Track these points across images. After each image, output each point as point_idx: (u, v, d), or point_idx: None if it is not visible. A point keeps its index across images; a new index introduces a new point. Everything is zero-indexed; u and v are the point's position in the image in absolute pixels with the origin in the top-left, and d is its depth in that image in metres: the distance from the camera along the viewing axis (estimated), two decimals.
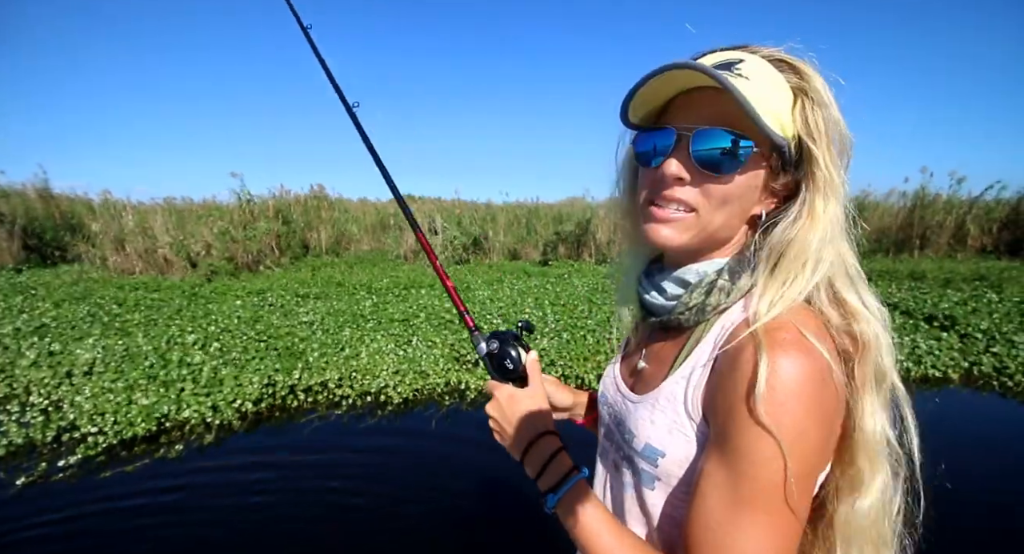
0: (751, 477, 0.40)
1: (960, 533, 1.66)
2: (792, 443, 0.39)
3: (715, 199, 0.47)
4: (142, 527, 1.87)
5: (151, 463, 2.23)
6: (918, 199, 7.23)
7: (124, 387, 2.84)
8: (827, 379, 0.41)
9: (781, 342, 0.42)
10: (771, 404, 0.40)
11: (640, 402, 0.53)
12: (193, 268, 6.65)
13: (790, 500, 0.40)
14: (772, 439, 0.39)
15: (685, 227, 0.48)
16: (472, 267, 7.79)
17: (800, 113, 0.46)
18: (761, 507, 0.40)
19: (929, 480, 0.51)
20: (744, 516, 0.40)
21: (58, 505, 1.96)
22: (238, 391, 2.81)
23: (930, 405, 2.54)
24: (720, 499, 0.41)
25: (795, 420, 0.39)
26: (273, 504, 2.00)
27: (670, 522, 0.50)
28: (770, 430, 0.39)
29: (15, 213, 7.72)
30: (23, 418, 2.55)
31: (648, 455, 0.50)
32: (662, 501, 0.50)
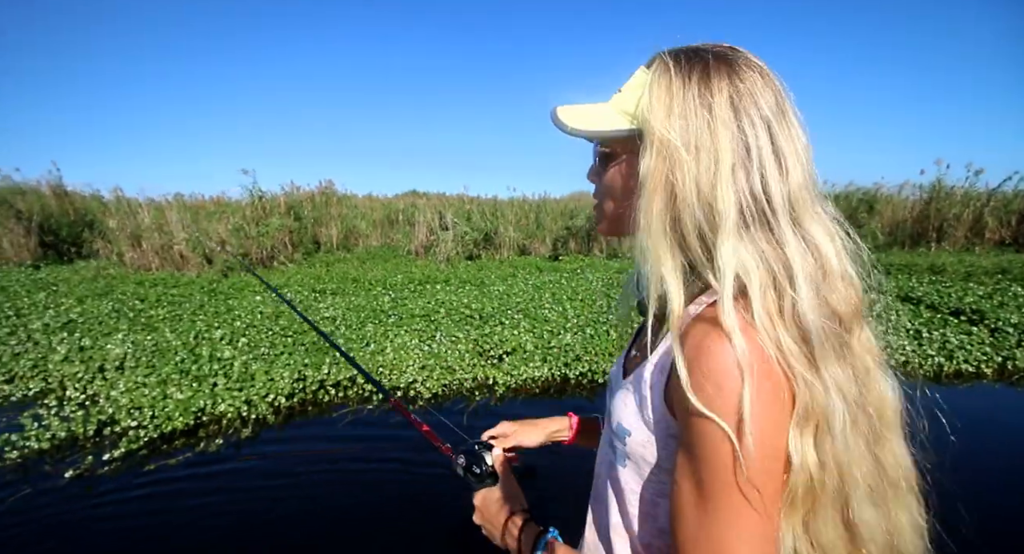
0: (708, 464, 0.40)
1: (997, 528, 1.67)
2: (737, 424, 0.39)
3: (601, 191, 0.56)
4: (188, 520, 1.90)
5: (192, 457, 2.26)
6: (934, 192, 7.16)
7: (157, 381, 2.87)
8: (767, 367, 0.41)
9: (716, 328, 0.42)
10: (707, 389, 0.40)
11: (623, 385, 0.55)
12: (209, 264, 6.70)
13: (752, 482, 0.39)
14: (715, 424, 0.39)
15: (598, 217, 0.58)
16: (484, 262, 7.80)
17: (645, 99, 0.48)
18: (724, 492, 0.40)
19: (968, 475, 0.51)
20: (710, 502, 0.40)
21: (105, 498, 1.99)
22: (270, 386, 2.84)
23: (966, 400, 2.54)
24: (688, 489, 0.42)
25: (734, 401, 0.39)
26: (314, 497, 2.03)
27: (636, 497, 0.53)
28: (711, 415, 0.40)
29: (31, 210, 7.79)
30: (62, 412, 2.59)
31: (619, 434, 0.52)
32: (630, 477, 0.53)
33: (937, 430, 0.52)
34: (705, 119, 0.45)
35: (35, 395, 2.88)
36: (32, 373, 3.10)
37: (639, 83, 0.50)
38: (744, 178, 0.44)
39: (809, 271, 0.43)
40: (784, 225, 0.44)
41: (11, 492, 1.98)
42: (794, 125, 0.46)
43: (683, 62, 0.47)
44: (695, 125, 0.45)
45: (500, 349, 3.50)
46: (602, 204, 0.56)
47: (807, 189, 0.46)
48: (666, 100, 0.46)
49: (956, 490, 0.50)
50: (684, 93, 0.45)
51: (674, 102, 0.46)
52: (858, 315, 0.46)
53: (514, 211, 9.30)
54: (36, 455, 2.25)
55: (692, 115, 0.45)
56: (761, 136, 0.44)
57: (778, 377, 0.41)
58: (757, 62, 0.48)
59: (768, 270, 0.43)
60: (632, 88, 0.50)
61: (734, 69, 0.46)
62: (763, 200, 0.44)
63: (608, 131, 0.51)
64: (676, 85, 0.46)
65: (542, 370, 3.15)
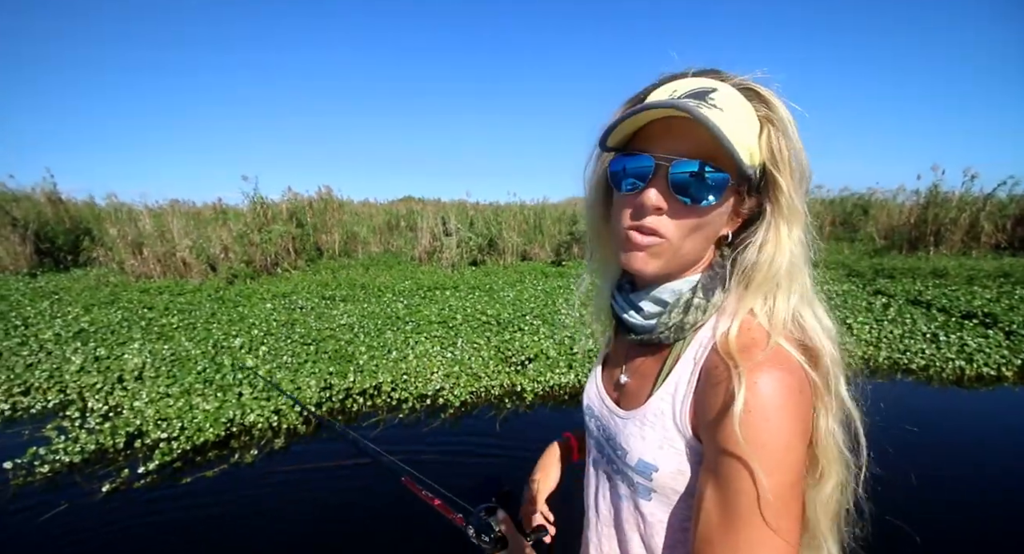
0: (743, 493, 0.41)
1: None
2: (780, 458, 0.41)
3: (689, 228, 0.49)
4: (227, 534, 1.86)
5: (228, 468, 2.22)
6: (931, 196, 7.31)
7: (180, 392, 2.83)
8: (804, 389, 0.44)
9: (758, 360, 0.44)
10: (753, 423, 0.41)
11: (629, 418, 0.55)
12: (213, 271, 6.61)
13: (783, 511, 0.41)
14: (758, 456, 0.41)
15: (659, 253, 0.50)
16: (489, 268, 7.79)
17: (766, 142, 0.47)
18: (755, 522, 0.41)
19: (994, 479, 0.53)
20: (740, 532, 0.41)
21: (143, 512, 1.95)
22: (297, 395, 2.80)
23: (988, 404, 2.58)
24: (717, 516, 0.43)
25: (779, 436, 0.41)
26: (350, 509, 2.00)
27: (664, 527, 0.53)
28: (755, 448, 0.41)
29: (27, 218, 7.64)
30: (86, 424, 2.53)
31: (642, 470, 0.52)
32: (658, 510, 0.53)
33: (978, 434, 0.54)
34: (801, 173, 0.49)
35: (55, 407, 2.82)
36: (48, 384, 3.03)
37: (747, 112, 0.46)
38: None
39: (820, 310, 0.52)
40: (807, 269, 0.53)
41: (47, 507, 1.93)
42: None
43: (785, 106, 0.48)
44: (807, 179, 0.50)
45: (522, 355, 3.50)
46: (675, 238, 0.49)
47: None
48: (787, 151, 0.47)
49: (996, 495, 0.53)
50: (798, 142, 0.48)
51: (793, 158, 0.48)
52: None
53: (514, 216, 9.32)
54: (67, 469, 2.19)
55: (807, 168, 0.49)
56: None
57: (810, 400, 0.45)
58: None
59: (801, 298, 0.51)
60: (741, 115, 0.46)
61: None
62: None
63: (745, 163, 0.45)
64: (792, 132, 0.48)
65: (568, 377, 3.15)
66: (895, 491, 1.97)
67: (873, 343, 3.54)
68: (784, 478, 0.41)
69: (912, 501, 1.95)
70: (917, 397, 2.94)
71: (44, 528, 1.84)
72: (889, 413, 2.69)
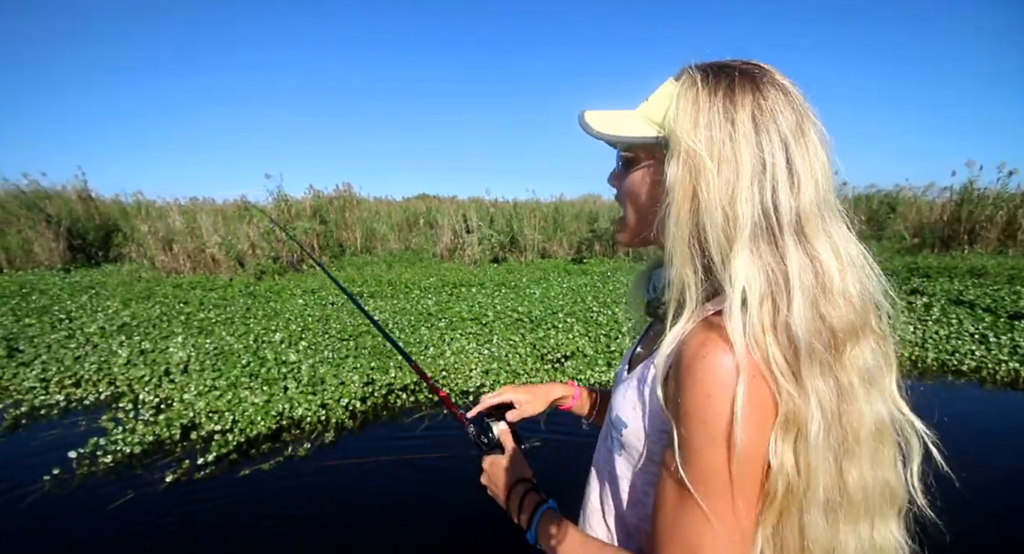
0: (691, 464, 0.44)
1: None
2: (721, 432, 0.42)
3: (625, 199, 0.57)
4: (287, 524, 1.89)
5: (283, 461, 2.25)
6: (966, 193, 7.13)
7: (227, 385, 2.87)
8: (755, 376, 0.43)
9: (711, 340, 0.45)
10: (698, 395, 0.43)
11: (626, 380, 0.59)
12: (241, 267, 6.70)
13: (731, 486, 0.43)
14: (701, 429, 0.43)
15: (622, 227, 0.58)
16: (511, 265, 7.79)
17: (672, 110, 0.50)
18: (703, 493, 0.43)
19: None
20: (689, 500, 0.44)
21: (205, 501, 1.98)
22: (343, 390, 2.83)
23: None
24: (670, 485, 0.46)
25: (720, 410, 0.42)
26: (401, 503, 2.02)
27: (628, 484, 0.57)
28: (699, 420, 0.43)
29: (60, 215, 7.82)
30: (140, 416, 2.58)
31: (617, 425, 0.57)
32: (623, 466, 0.58)
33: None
34: (728, 132, 0.47)
35: (107, 398, 2.88)
36: (98, 376, 3.10)
37: (666, 93, 0.51)
38: (758, 192, 0.46)
39: (807, 286, 0.44)
40: (788, 240, 0.46)
41: (114, 496, 1.98)
42: (813, 143, 0.47)
43: (710, 76, 0.49)
44: (718, 137, 0.47)
45: (558, 353, 3.49)
46: (624, 211, 0.58)
47: (819, 206, 0.47)
48: (692, 112, 0.48)
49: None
50: (710, 106, 0.48)
51: (700, 114, 0.48)
52: (854, 332, 0.46)
53: (532, 214, 9.30)
54: (128, 459, 2.24)
55: (716, 128, 0.47)
56: (777, 153, 0.46)
57: (765, 388, 0.43)
58: (781, 81, 0.49)
59: (768, 282, 0.45)
60: (659, 98, 0.52)
61: (758, 86, 0.48)
62: (772, 214, 0.46)
63: (633, 137, 0.53)
64: (703, 97, 0.48)
65: (608, 375, 3.14)
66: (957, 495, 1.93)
67: (919, 344, 3.47)
68: (727, 454, 0.42)
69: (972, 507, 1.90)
70: (970, 399, 2.88)
71: (113, 516, 1.88)
72: (945, 416, 2.63)
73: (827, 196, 0.48)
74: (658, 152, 0.51)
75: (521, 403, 0.86)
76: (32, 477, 2.09)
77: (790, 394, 0.43)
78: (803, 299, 0.44)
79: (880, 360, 0.48)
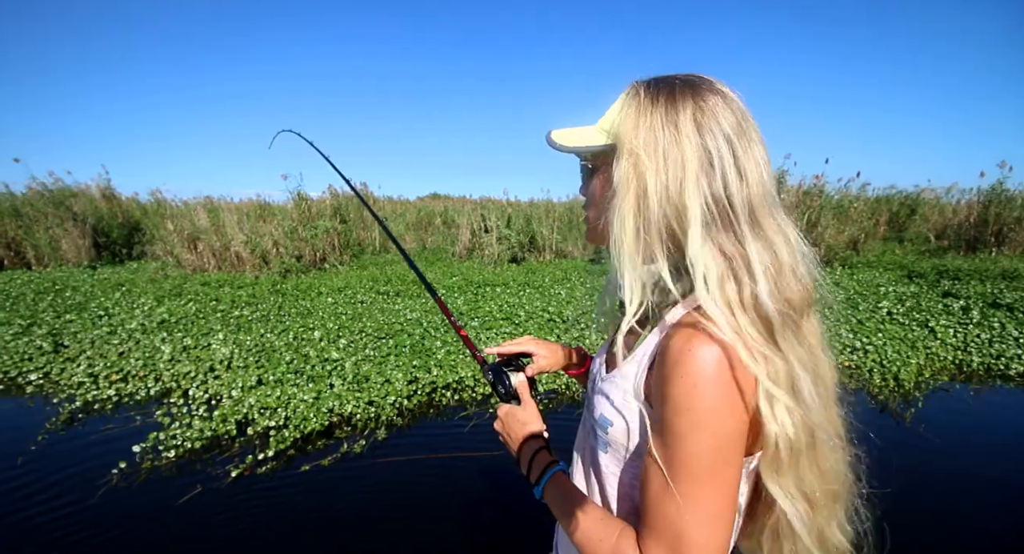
0: (676, 451, 0.47)
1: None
2: (705, 420, 0.46)
3: (588, 203, 0.62)
4: (350, 519, 1.91)
5: (340, 457, 2.27)
6: (993, 194, 7.04)
7: (274, 382, 2.90)
8: (736, 366, 0.47)
9: (696, 334, 0.48)
10: (684, 386, 0.46)
11: (605, 380, 0.61)
12: (266, 265, 6.76)
13: (713, 471, 0.46)
14: (687, 416, 0.46)
15: (587, 227, 0.63)
16: (531, 265, 7.79)
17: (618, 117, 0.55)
18: (687, 477, 0.46)
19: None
20: (675, 485, 0.47)
21: (269, 496, 2.01)
22: (388, 388, 2.85)
23: None
24: (657, 472, 0.48)
25: (706, 399, 0.46)
26: (457, 501, 2.03)
27: (616, 480, 0.60)
28: (685, 408, 0.46)
29: (85, 213, 7.93)
30: (193, 411, 2.62)
31: (601, 424, 0.59)
32: (610, 462, 0.60)
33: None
34: (671, 133, 0.51)
35: (156, 394, 2.92)
36: (144, 372, 3.14)
37: (615, 106, 0.57)
38: (707, 184, 0.50)
39: (767, 264, 0.50)
40: (744, 225, 0.50)
41: (183, 491, 2.01)
42: (754, 141, 0.52)
43: (651, 86, 0.55)
44: (662, 138, 0.51)
45: (594, 353, 3.49)
46: (587, 213, 0.62)
47: (765, 197, 0.52)
48: (635, 116, 0.53)
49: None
50: (652, 111, 0.52)
51: (641, 118, 0.53)
52: (807, 304, 0.53)
53: (547, 214, 9.29)
54: (188, 454, 2.27)
55: (660, 129, 0.51)
56: (723, 149, 0.50)
57: (746, 373, 0.47)
58: (720, 88, 0.54)
59: (728, 264, 0.49)
60: (611, 110, 0.57)
61: (698, 92, 0.52)
62: (725, 203, 0.50)
63: (587, 147, 0.58)
64: (644, 104, 0.53)
65: None
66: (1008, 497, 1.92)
67: (960, 347, 3.44)
68: (711, 441, 0.46)
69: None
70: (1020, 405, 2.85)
71: (184, 509, 1.91)
72: (1000, 421, 2.62)
73: (770, 189, 0.53)
74: (610, 158, 0.56)
75: (539, 357, 0.89)
76: (99, 470, 2.12)
77: (769, 359, 0.47)
78: (765, 276, 0.49)
79: (823, 329, 0.57)
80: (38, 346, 3.47)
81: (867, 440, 0.62)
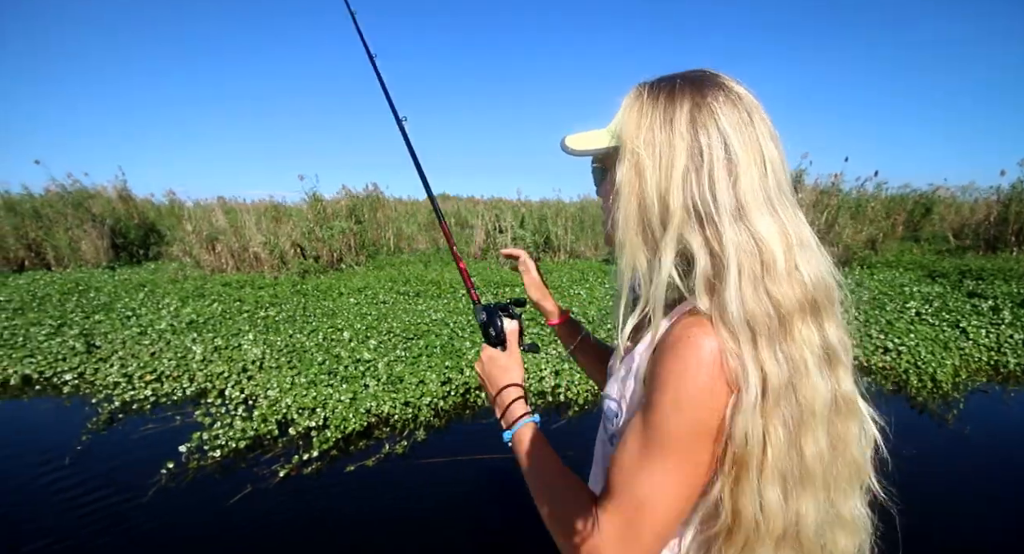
0: (656, 427, 0.48)
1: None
2: (685, 403, 0.47)
3: (605, 205, 0.62)
4: (405, 521, 1.91)
5: (383, 458, 2.28)
6: (1015, 193, 6.97)
7: (308, 382, 2.91)
8: (733, 357, 0.47)
9: (700, 323, 0.49)
10: (676, 369, 0.47)
11: (615, 372, 0.63)
12: (284, 266, 6.80)
13: (686, 451, 0.48)
14: (670, 396, 0.47)
15: (608, 235, 0.61)
16: (547, 266, 7.78)
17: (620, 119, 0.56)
18: (659, 453, 0.48)
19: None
20: (646, 459, 0.48)
21: (317, 496, 2.02)
22: (423, 388, 2.86)
23: None
24: (633, 444, 0.50)
25: (693, 384, 0.46)
26: (510, 498, 2.03)
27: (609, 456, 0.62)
28: (672, 388, 0.47)
29: (103, 214, 8.00)
30: (232, 411, 2.64)
31: (609, 415, 0.61)
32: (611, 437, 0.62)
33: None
34: (666, 131, 0.52)
35: (192, 394, 2.94)
36: (178, 372, 3.17)
37: (620, 109, 0.58)
38: (694, 181, 0.50)
39: (744, 263, 0.48)
40: (726, 223, 0.49)
41: (233, 491, 2.02)
42: (761, 136, 0.51)
43: (653, 86, 0.55)
44: (658, 137, 0.52)
45: None
46: (604, 217, 0.63)
47: (764, 192, 0.50)
48: (636, 117, 0.54)
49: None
50: (652, 111, 0.53)
51: (642, 119, 0.53)
52: (802, 310, 0.49)
53: (558, 214, 9.28)
54: (233, 454, 2.29)
55: (657, 129, 0.52)
56: (715, 146, 0.50)
57: (732, 366, 0.47)
58: (726, 82, 0.53)
59: (712, 262, 0.50)
60: (617, 114, 0.58)
61: (699, 88, 0.52)
62: (710, 202, 0.49)
63: (594, 149, 0.60)
64: (646, 104, 0.54)
65: None
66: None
67: (994, 348, 3.41)
68: (689, 423, 0.47)
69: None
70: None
71: (236, 509, 1.93)
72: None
73: (778, 183, 0.51)
74: (617, 159, 0.57)
75: (527, 274, 0.93)
76: (147, 470, 2.14)
77: (736, 365, 0.47)
78: (739, 276, 0.48)
79: (845, 341, 0.52)
80: (71, 346, 3.51)
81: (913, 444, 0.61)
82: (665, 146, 0.51)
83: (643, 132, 0.53)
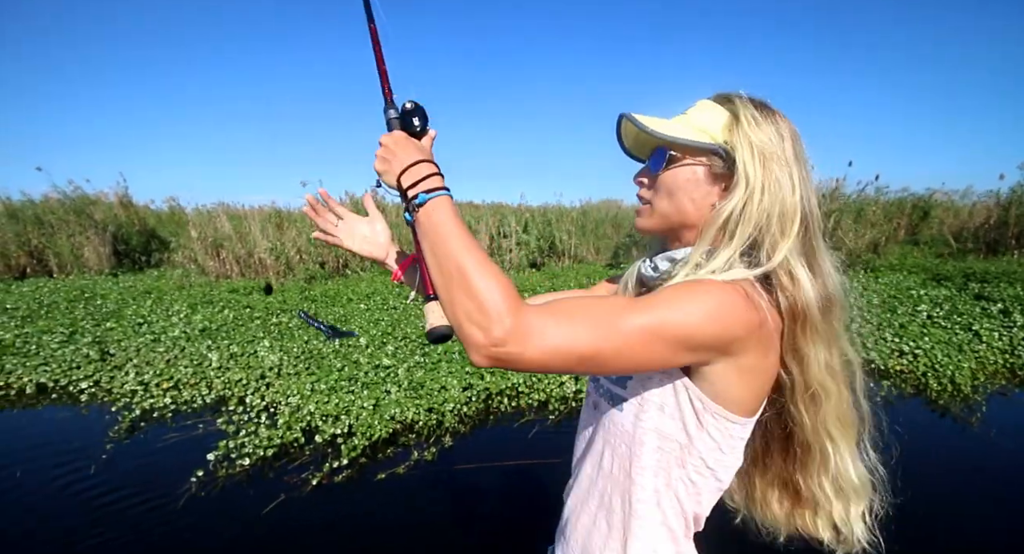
0: (655, 304, 0.52)
1: None
2: (692, 306, 0.52)
3: (660, 191, 0.64)
4: (443, 529, 1.90)
5: (412, 465, 2.26)
6: (1014, 196, 7.07)
7: (328, 389, 2.90)
8: (736, 301, 0.54)
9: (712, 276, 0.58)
10: (699, 285, 0.55)
11: None
12: (290, 272, 6.77)
13: (658, 328, 0.51)
14: (684, 294, 0.53)
15: (647, 215, 0.67)
16: (552, 271, 7.80)
17: (729, 129, 0.61)
18: (639, 310, 0.52)
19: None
20: (627, 311, 0.51)
21: (350, 504, 2.00)
22: (445, 395, 2.85)
23: None
24: (626, 302, 0.53)
25: (707, 297, 0.53)
26: (544, 502, 2.03)
27: (621, 430, 0.65)
28: (686, 290, 0.54)
29: (105, 220, 7.95)
30: (253, 419, 2.61)
31: (619, 382, 0.66)
32: (622, 417, 0.65)
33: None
34: (783, 149, 0.59)
35: (212, 401, 2.92)
36: (195, 380, 3.14)
37: (716, 112, 0.62)
38: (807, 200, 0.59)
39: (828, 271, 0.61)
40: (818, 234, 0.61)
41: (266, 499, 2.00)
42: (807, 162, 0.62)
43: (757, 104, 0.62)
44: (780, 158, 0.59)
45: None
46: (654, 200, 0.66)
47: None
48: (753, 135, 0.59)
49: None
50: (769, 131, 0.59)
51: (761, 134, 0.59)
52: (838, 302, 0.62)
53: (560, 219, 9.30)
54: (261, 462, 2.27)
55: (778, 149, 0.59)
56: (806, 170, 0.61)
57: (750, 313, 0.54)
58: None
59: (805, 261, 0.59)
60: (708, 115, 0.63)
61: (784, 119, 0.62)
62: (810, 215, 0.60)
63: (688, 140, 0.61)
64: (764, 123, 0.60)
65: None
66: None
67: (1008, 351, 3.44)
68: (671, 322, 0.51)
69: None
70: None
71: (272, 518, 1.90)
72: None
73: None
74: (707, 157, 0.61)
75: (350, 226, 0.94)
76: (176, 478, 2.12)
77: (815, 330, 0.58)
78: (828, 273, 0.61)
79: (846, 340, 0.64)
80: (85, 354, 3.47)
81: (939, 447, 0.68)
82: (784, 167, 0.59)
83: (787, 144, 0.60)
